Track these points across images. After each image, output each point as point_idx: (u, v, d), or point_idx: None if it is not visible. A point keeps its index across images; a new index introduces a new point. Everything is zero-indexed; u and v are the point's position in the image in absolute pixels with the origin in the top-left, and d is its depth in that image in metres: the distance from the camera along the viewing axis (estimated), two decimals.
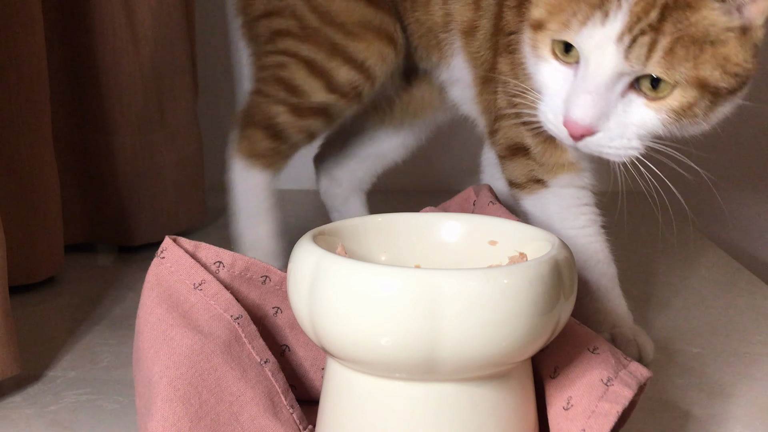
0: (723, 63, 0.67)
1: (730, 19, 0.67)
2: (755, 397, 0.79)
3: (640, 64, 0.66)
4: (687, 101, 0.67)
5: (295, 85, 1.03)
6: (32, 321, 0.96)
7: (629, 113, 0.69)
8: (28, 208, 1.01)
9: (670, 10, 0.66)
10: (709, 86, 0.67)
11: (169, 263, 0.69)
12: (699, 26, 0.66)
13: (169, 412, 0.61)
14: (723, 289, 1.08)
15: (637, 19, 0.66)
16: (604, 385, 0.62)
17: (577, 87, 0.69)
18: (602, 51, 0.67)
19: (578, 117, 0.69)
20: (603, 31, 0.67)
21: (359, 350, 0.57)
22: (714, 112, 0.70)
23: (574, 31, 0.68)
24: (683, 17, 0.66)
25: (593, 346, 0.65)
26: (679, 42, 0.66)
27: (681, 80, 0.66)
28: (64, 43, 1.15)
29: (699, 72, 0.66)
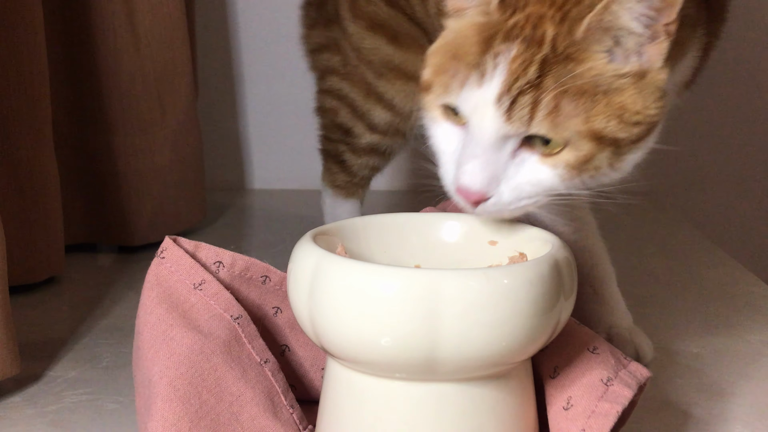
0: (619, 113, 0.61)
1: (621, 65, 0.62)
2: (755, 397, 0.79)
3: (523, 126, 0.60)
4: (583, 155, 0.61)
5: (348, 127, 1.08)
6: (32, 321, 0.96)
7: (522, 173, 0.63)
8: (28, 208, 1.01)
9: (551, 64, 0.60)
10: (606, 138, 0.61)
11: (169, 263, 0.69)
12: (585, 77, 0.60)
13: (169, 412, 0.61)
14: (723, 289, 1.08)
15: (515, 78, 0.60)
16: (604, 385, 0.62)
17: (465, 151, 0.63)
18: (482, 114, 0.61)
19: (467, 184, 0.62)
20: (480, 92, 0.61)
21: (359, 350, 0.57)
22: (621, 162, 0.63)
23: (454, 93, 0.63)
24: (566, 70, 0.60)
25: (593, 346, 0.65)
26: (564, 97, 0.60)
27: (571, 136, 0.61)
28: (64, 43, 1.15)
29: (592, 125, 0.60)
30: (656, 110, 0.62)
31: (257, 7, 1.54)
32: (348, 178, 1.13)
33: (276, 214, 1.44)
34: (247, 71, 1.57)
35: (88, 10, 1.14)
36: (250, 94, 1.58)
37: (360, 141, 1.09)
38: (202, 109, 1.40)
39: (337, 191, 1.15)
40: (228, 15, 1.55)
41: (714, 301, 1.03)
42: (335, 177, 1.14)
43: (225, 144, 1.59)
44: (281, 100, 1.57)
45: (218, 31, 1.55)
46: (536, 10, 0.62)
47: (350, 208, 1.15)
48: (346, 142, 1.11)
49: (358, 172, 1.13)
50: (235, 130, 1.59)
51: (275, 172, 1.60)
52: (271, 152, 1.59)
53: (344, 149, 1.12)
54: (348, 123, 1.09)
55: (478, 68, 0.62)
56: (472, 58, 0.62)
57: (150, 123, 1.20)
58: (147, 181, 1.21)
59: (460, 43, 0.64)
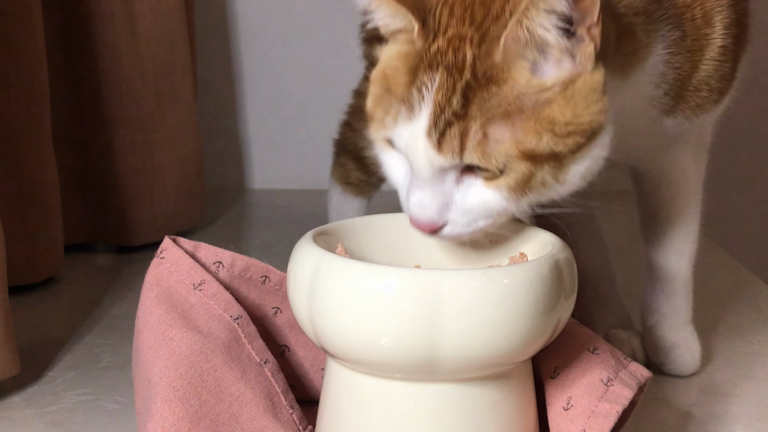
0: (550, 127, 0.58)
1: (547, 78, 0.59)
2: (755, 397, 0.78)
3: (456, 158, 0.59)
4: (522, 176, 0.59)
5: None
6: (32, 321, 0.96)
7: (470, 197, 0.61)
8: (28, 208, 1.01)
9: (474, 90, 0.58)
10: (541, 155, 0.59)
11: (169, 263, 0.69)
12: (510, 99, 0.58)
13: (169, 413, 0.61)
14: (723, 289, 1.08)
15: (440, 110, 0.59)
16: (604, 386, 0.62)
17: (411, 184, 0.62)
18: (415, 148, 0.60)
19: (417, 216, 0.61)
20: (411, 126, 0.60)
21: (359, 350, 0.57)
22: (567, 174, 0.61)
23: (390, 127, 0.62)
24: (489, 95, 0.58)
25: (593, 346, 0.65)
26: (491, 123, 0.58)
27: (506, 161, 0.59)
28: (64, 43, 1.15)
29: (523, 146, 0.58)
30: (590, 116, 0.59)
31: (257, 7, 1.54)
32: (364, 176, 1.10)
33: (276, 214, 1.44)
34: (247, 71, 1.57)
35: (88, 10, 1.14)
36: (250, 94, 1.58)
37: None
38: (202, 109, 1.40)
39: (348, 189, 1.11)
40: (228, 15, 1.55)
41: (714, 301, 1.03)
42: (349, 174, 1.10)
43: (225, 144, 1.59)
44: (281, 100, 1.57)
45: (218, 31, 1.55)
46: (457, 32, 0.60)
47: (357, 206, 1.12)
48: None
49: (377, 172, 1.09)
50: (235, 130, 1.59)
51: (275, 172, 1.60)
52: (271, 152, 1.59)
53: (368, 144, 1.09)
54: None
55: (406, 102, 0.61)
56: (401, 91, 0.61)
57: (150, 123, 1.20)
58: (147, 181, 1.21)
59: (390, 73, 0.63)
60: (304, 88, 1.56)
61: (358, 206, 1.12)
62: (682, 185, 0.83)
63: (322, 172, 1.56)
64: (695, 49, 0.70)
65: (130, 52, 1.17)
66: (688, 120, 0.73)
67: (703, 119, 0.74)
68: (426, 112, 0.59)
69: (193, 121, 1.28)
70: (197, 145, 1.30)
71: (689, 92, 0.72)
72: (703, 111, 0.73)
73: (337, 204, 1.13)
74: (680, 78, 0.70)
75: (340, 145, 1.12)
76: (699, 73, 0.71)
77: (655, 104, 0.71)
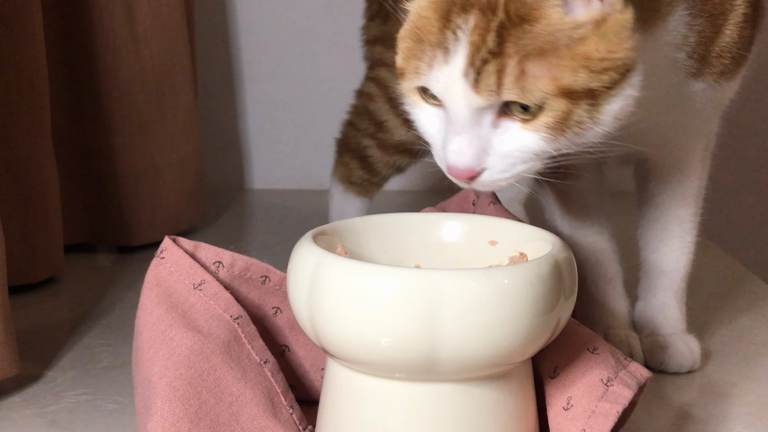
0: (585, 63, 0.60)
1: (579, 15, 0.60)
2: (755, 397, 0.78)
3: (494, 96, 0.60)
4: (560, 114, 0.60)
5: (381, 120, 1.06)
6: (32, 321, 0.96)
7: (508, 142, 0.62)
8: (28, 208, 1.01)
9: (508, 29, 0.59)
10: (578, 92, 0.60)
11: (169, 263, 0.69)
12: (543, 36, 0.59)
13: (169, 413, 0.61)
14: (723, 289, 1.08)
15: (476, 50, 0.60)
16: (604, 386, 0.62)
17: (448, 131, 0.63)
18: (453, 90, 0.61)
19: (456, 163, 0.62)
20: (448, 69, 0.61)
21: (359, 350, 0.57)
22: (602, 113, 0.62)
23: (425, 75, 0.63)
24: (524, 33, 0.59)
25: (593, 346, 0.65)
26: (528, 60, 0.59)
27: (543, 97, 0.60)
28: (64, 43, 1.15)
29: (560, 83, 0.59)
30: (623, 52, 0.60)
31: (257, 7, 1.54)
32: (368, 176, 1.10)
33: (276, 214, 1.44)
34: (247, 71, 1.57)
35: (87, 10, 1.14)
36: (250, 94, 1.58)
37: (392, 137, 1.06)
38: (202, 109, 1.40)
39: (350, 188, 1.11)
40: (228, 15, 1.55)
41: (714, 301, 1.03)
42: (352, 173, 1.11)
43: (225, 144, 1.59)
44: (281, 100, 1.57)
45: (218, 31, 1.55)
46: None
47: (359, 206, 1.12)
48: (374, 137, 1.07)
49: (381, 171, 1.09)
50: (235, 130, 1.59)
51: (275, 172, 1.60)
52: (271, 152, 1.59)
53: (370, 144, 1.08)
54: (382, 115, 1.06)
55: (441, 46, 0.61)
56: (435, 37, 0.62)
57: (150, 123, 1.20)
58: (147, 181, 1.21)
59: (421, 24, 0.63)
60: (304, 88, 1.56)
61: (360, 206, 1.12)
62: (687, 185, 0.83)
63: (322, 172, 1.57)
64: (717, 13, 0.71)
65: (130, 52, 1.17)
66: (715, 84, 0.74)
67: (727, 88, 0.75)
68: (462, 53, 0.60)
69: (193, 121, 1.28)
70: (197, 145, 1.30)
71: (714, 57, 0.73)
72: (728, 78, 0.74)
73: (339, 203, 1.13)
74: (703, 41, 0.71)
75: (342, 144, 1.13)
76: (722, 38, 0.72)
77: (680, 66, 0.71)
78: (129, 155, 1.19)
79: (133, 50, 1.17)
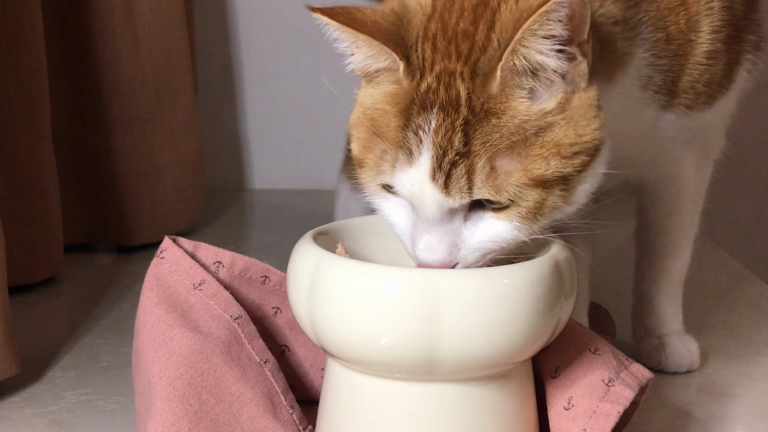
0: (556, 150, 0.57)
1: (545, 102, 0.58)
2: (755, 397, 0.78)
3: (465, 196, 0.57)
4: (534, 203, 0.58)
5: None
6: (32, 321, 0.96)
7: (479, 233, 0.59)
8: (28, 208, 1.01)
9: (473, 126, 0.57)
10: (551, 180, 0.58)
11: (169, 263, 0.68)
12: (512, 128, 0.57)
13: (169, 413, 0.61)
14: (723, 289, 1.08)
15: (443, 152, 0.57)
16: (605, 386, 0.62)
17: (416, 227, 0.60)
18: (420, 192, 0.58)
19: (427, 260, 0.59)
20: (413, 172, 0.58)
21: (359, 350, 0.57)
22: (575, 194, 0.60)
23: (388, 174, 0.60)
24: (491, 128, 0.57)
25: (594, 346, 0.65)
26: (497, 155, 0.57)
27: (516, 191, 0.57)
28: (64, 43, 1.15)
29: (532, 174, 0.57)
30: (592, 134, 0.59)
31: (257, 7, 1.54)
32: None
33: (276, 214, 1.44)
34: (247, 71, 1.57)
35: (87, 10, 1.14)
36: (250, 94, 1.58)
37: None
38: (202, 109, 1.40)
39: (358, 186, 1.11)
40: (228, 15, 1.55)
41: (714, 301, 1.03)
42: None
43: (225, 144, 1.59)
44: (281, 100, 1.57)
45: (218, 31, 1.55)
46: (444, 66, 0.58)
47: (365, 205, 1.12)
48: None
49: None
50: (235, 130, 1.59)
51: (275, 172, 1.60)
52: (271, 152, 1.59)
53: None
54: None
55: (403, 147, 0.58)
56: (395, 135, 0.59)
57: (150, 123, 1.20)
58: (147, 181, 1.21)
59: (378, 117, 0.60)
60: (304, 88, 1.56)
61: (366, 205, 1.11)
62: (681, 199, 0.82)
63: (322, 172, 1.57)
64: (681, 53, 0.69)
65: (130, 52, 1.17)
66: (684, 115, 0.72)
67: (696, 118, 0.74)
68: (427, 155, 0.57)
69: (193, 121, 1.28)
70: (197, 145, 1.30)
71: (680, 92, 0.71)
72: (694, 111, 0.73)
73: (345, 201, 1.12)
74: (669, 79, 0.70)
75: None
76: (685, 76, 0.70)
77: (649, 103, 0.70)
78: (129, 155, 1.19)
79: (133, 50, 1.17)
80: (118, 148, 1.18)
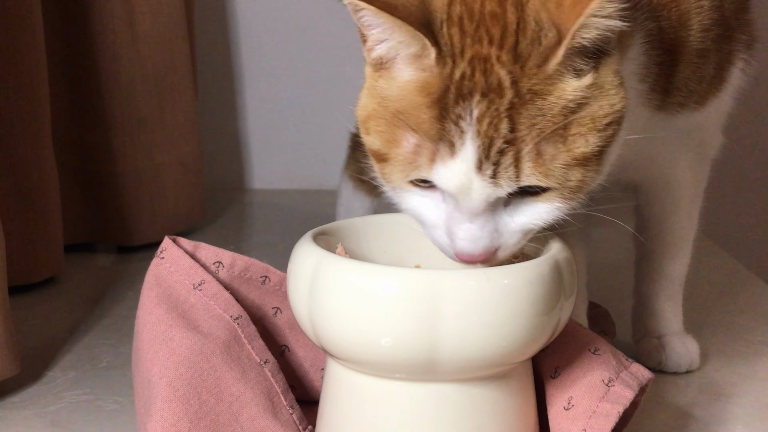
0: (592, 125, 0.56)
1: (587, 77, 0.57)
2: (755, 397, 0.78)
3: (512, 184, 0.56)
4: (576, 182, 0.57)
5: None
6: (32, 321, 0.96)
7: (520, 215, 0.58)
8: (28, 208, 1.01)
9: (519, 110, 0.55)
10: (591, 157, 0.57)
11: (169, 263, 0.68)
12: (557, 109, 0.55)
13: (169, 413, 0.61)
14: (723, 289, 1.08)
15: (489, 140, 0.55)
16: (605, 386, 0.62)
17: (453, 217, 0.58)
18: (466, 185, 0.56)
19: (468, 251, 0.57)
20: (456, 164, 0.56)
21: (359, 350, 0.57)
22: (605, 165, 0.59)
23: (424, 169, 0.57)
24: (537, 110, 0.55)
25: (594, 347, 0.65)
26: (543, 139, 0.55)
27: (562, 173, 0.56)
28: (64, 43, 1.15)
29: (575, 153, 0.56)
30: (620, 100, 0.58)
31: (257, 7, 1.54)
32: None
33: (276, 214, 1.44)
34: (247, 71, 1.57)
35: (87, 10, 1.14)
36: (250, 94, 1.58)
37: None
38: (202, 109, 1.40)
39: (360, 186, 1.09)
40: (228, 15, 1.55)
41: (714, 301, 1.03)
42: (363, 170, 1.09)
43: (225, 144, 1.59)
44: (281, 100, 1.57)
45: (218, 31, 1.55)
46: (476, 51, 0.56)
47: (368, 205, 1.10)
48: None
49: None
50: (235, 130, 1.59)
51: (275, 172, 1.60)
52: (271, 152, 1.59)
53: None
54: None
55: (443, 140, 0.56)
56: (430, 127, 0.56)
57: (150, 123, 1.20)
58: (147, 181, 1.21)
59: (406, 109, 0.57)
60: (304, 88, 1.56)
61: (368, 205, 1.10)
62: (677, 200, 0.82)
63: (322, 172, 1.57)
64: (672, 49, 0.69)
65: (130, 52, 1.17)
66: (677, 114, 0.72)
67: (689, 118, 0.73)
68: (471, 145, 0.55)
69: (193, 121, 1.28)
70: (197, 145, 1.30)
71: (674, 89, 0.71)
72: (686, 110, 0.72)
73: (347, 201, 1.11)
74: (663, 74, 0.69)
75: (357, 138, 1.11)
76: (678, 72, 0.70)
77: (644, 101, 0.69)
78: (129, 155, 1.19)
79: (133, 50, 1.17)
80: (118, 148, 1.18)
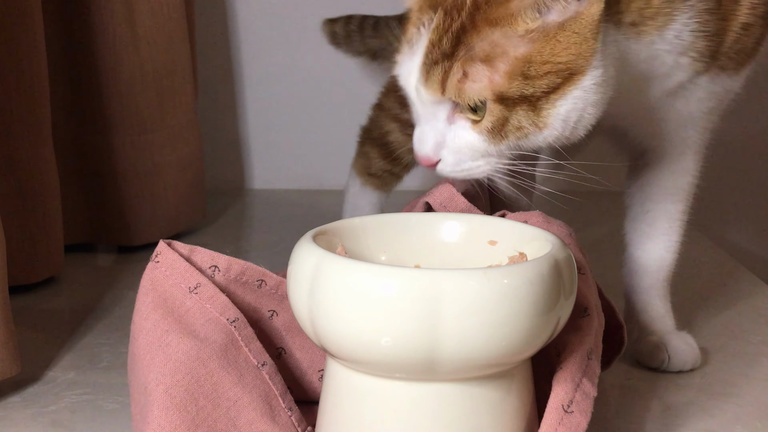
0: (524, 68, 0.61)
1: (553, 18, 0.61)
2: (755, 397, 0.78)
3: (437, 94, 0.64)
4: (497, 119, 0.63)
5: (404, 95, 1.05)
6: (32, 321, 0.96)
7: (458, 138, 0.66)
8: (28, 208, 1.01)
9: (466, 32, 0.62)
10: (512, 98, 0.62)
11: (164, 267, 0.68)
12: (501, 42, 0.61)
13: (166, 421, 0.60)
14: (723, 289, 1.08)
15: (431, 49, 0.64)
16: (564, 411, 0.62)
17: (417, 121, 0.69)
18: (410, 83, 0.67)
19: (417, 149, 0.68)
20: (410, 63, 0.67)
21: (359, 350, 0.57)
22: (547, 117, 0.63)
23: (398, 65, 0.69)
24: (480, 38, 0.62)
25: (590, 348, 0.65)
26: (474, 63, 0.62)
27: (478, 101, 0.63)
28: (64, 43, 1.15)
29: (495, 89, 0.62)
30: (567, 56, 0.60)
31: (257, 7, 1.54)
32: (388, 166, 1.08)
33: (276, 214, 1.44)
34: (247, 71, 1.57)
35: (87, 10, 1.14)
36: (250, 94, 1.58)
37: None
38: (202, 109, 1.40)
39: (368, 180, 1.09)
40: (228, 15, 1.55)
41: (714, 301, 1.03)
42: (371, 164, 1.08)
43: (225, 144, 1.59)
44: (281, 100, 1.57)
45: (218, 31, 1.55)
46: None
47: (375, 201, 1.10)
48: (398, 119, 1.05)
49: (404, 157, 1.07)
50: (235, 130, 1.59)
51: (275, 172, 1.60)
52: (271, 152, 1.59)
53: (394, 127, 1.06)
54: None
55: (409, 41, 0.66)
56: (408, 30, 0.67)
57: (150, 123, 1.20)
58: (147, 181, 1.21)
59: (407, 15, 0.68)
60: (304, 89, 1.56)
61: (375, 201, 1.10)
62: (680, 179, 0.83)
63: (322, 172, 1.57)
64: (725, 18, 0.72)
65: (130, 52, 1.17)
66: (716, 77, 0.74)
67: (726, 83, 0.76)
68: (421, 51, 0.65)
69: (193, 122, 1.28)
70: (197, 145, 1.30)
71: (721, 55, 0.73)
72: (725, 74, 0.75)
73: (354, 197, 1.11)
74: (713, 45, 0.71)
75: (366, 131, 1.10)
76: (726, 41, 0.73)
77: (683, 68, 0.71)
78: (129, 155, 1.19)
79: (133, 50, 1.17)
80: (118, 148, 1.18)
